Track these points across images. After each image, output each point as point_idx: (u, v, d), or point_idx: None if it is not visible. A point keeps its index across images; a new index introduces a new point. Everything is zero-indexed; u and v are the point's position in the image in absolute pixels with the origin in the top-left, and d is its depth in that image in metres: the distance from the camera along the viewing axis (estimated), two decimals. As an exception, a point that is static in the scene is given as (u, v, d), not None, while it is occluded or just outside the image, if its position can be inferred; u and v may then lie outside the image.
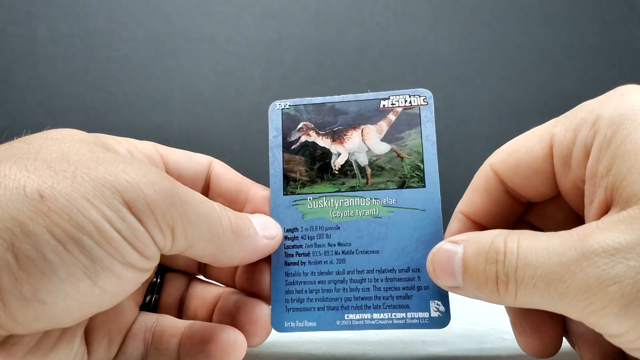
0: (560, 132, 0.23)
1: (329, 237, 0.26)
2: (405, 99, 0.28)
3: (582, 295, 0.18)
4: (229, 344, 0.24)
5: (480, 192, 0.25)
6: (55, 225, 0.17)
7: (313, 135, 0.28)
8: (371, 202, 0.26)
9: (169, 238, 0.20)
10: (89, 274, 0.18)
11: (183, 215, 0.20)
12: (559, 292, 0.19)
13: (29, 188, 0.17)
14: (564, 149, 0.22)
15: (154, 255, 0.20)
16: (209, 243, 0.22)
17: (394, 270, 0.25)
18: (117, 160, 0.20)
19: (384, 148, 0.27)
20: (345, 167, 0.27)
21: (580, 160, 0.22)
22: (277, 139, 0.28)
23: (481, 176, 0.25)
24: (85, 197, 0.18)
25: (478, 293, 0.22)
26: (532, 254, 0.19)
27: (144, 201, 0.19)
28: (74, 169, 0.19)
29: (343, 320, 0.25)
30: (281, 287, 0.26)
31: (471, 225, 0.25)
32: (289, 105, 0.28)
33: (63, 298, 0.18)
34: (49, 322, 0.18)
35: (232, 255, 0.23)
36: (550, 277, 0.19)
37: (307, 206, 0.27)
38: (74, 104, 0.68)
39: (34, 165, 0.18)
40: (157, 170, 0.20)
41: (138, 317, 0.26)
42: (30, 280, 0.17)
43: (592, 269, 0.18)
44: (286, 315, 0.26)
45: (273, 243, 0.25)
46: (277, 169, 0.27)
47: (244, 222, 0.24)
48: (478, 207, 0.25)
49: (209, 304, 0.27)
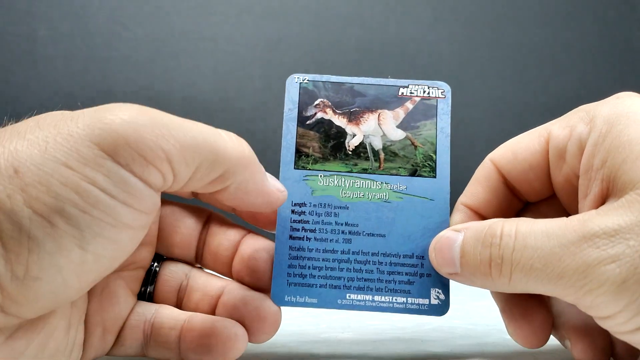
0: (557, 129, 0.24)
1: (337, 215, 0.26)
2: (424, 89, 0.28)
3: (579, 274, 0.19)
4: (231, 338, 0.24)
5: (481, 184, 0.26)
6: (34, 200, 0.17)
7: (329, 113, 0.28)
8: (382, 187, 0.26)
9: (169, 172, 0.19)
10: (79, 243, 0.17)
11: (176, 143, 0.19)
12: (557, 272, 0.19)
13: (2, 164, 0.17)
14: (559, 143, 0.23)
15: (149, 206, 0.19)
16: (215, 165, 0.20)
17: (399, 255, 0.26)
18: (87, 111, 0.19)
19: (399, 134, 0.27)
20: (359, 149, 0.27)
21: (574, 154, 0.23)
22: (293, 112, 0.28)
23: (483, 169, 0.26)
24: (60, 162, 0.17)
25: (473, 278, 0.22)
26: (531, 237, 0.20)
27: (124, 144, 0.18)
28: (46, 133, 0.18)
29: (344, 300, 0.25)
30: (284, 261, 0.26)
31: (473, 215, 0.26)
32: (308, 80, 0.28)
33: (57, 271, 0.17)
34: (52, 298, 0.18)
35: (240, 181, 0.22)
36: (548, 258, 0.19)
37: (317, 182, 0.27)
38: (74, 104, 0.68)
39: (9, 139, 0.18)
40: (130, 106, 0.19)
41: (136, 308, 0.25)
42: (19, 260, 0.16)
43: (591, 249, 0.18)
44: (287, 290, 0.25)
45: (280, 195, 0.24)
46: (290, 141, 0.27)
47: (257, 159, 0.23)
48: (479, 198, 0.26)
49: (211, 298, 0.26)
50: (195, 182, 0.21)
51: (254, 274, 0.26)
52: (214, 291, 0.26)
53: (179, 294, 0.27)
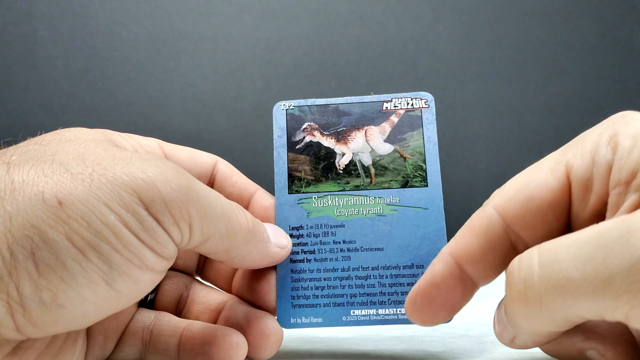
0: (576, 158, 0.21)
1: (334, 234, 0.27)
2: (407, 101, 0.28)
3: (633, 276, 0.15)
4: (232, 346, 0.24)
5: (478, 236, 0.22)
6: (74, 233, 0.18)
7: (317, 136, 0.28)
8: (375, 201, 0.27)
9: (187, 233, 0.20)
10: (106, 279, 0.18)
11: (200, 211, 0.20)
12: (602, 278, 0.15)
13: (47, 194, 0.18)
14: (584, 172, 0.20)
15: (171, 254, 0.20)
16: (225, 238, 0.22)
17: (399, 266, 0.26)
18: (133, 159, 0.20)
19: (387, 148, 0.28)
20: (349, 167, 0.28)
21: (603, 178, 0.20)
22: (282, 139, 0.28)
23: (482, 219, 0.22)
24: (102, 202, 0.18)
25: (521, 322, 0.19)
26: (562, 249, 0.17)
27: (160, 200, 0.19)
28: (91, 170, 0.19)
29: (349, 316, 0.26)
30: (287, 284, 0.26)
31: (456, 269, 0.22)
32: (293, 105, 0.29)
33: (81, 302, 0.18)
34: (67, 325, 0.18)
35: (244, 254, 0.23)
36: (588, 264, 0.16)
37: (312, 205, 0.27)
38: (74, 104, 0.68)
39: (51, 168, 0.19)
40: (173, 166, 0.20)
41: (136, 315, 0.26)
42: (50, 287, 0.17)
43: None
44: (292, 312, 0.26)
45: (283, 253, 0.26)
46: (282, 168, 0.28)
47: (260, 225, 0.24)
48: (473, 252, 0.22)
49: (211, 312, 0.27)
50: (204, 249, 0.22)
51: (254, 292, 0.26)
52: (214, 305, 0.27)
53: (179, 305, 0.27)
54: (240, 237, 0.22)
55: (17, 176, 0.18)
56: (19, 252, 0.17)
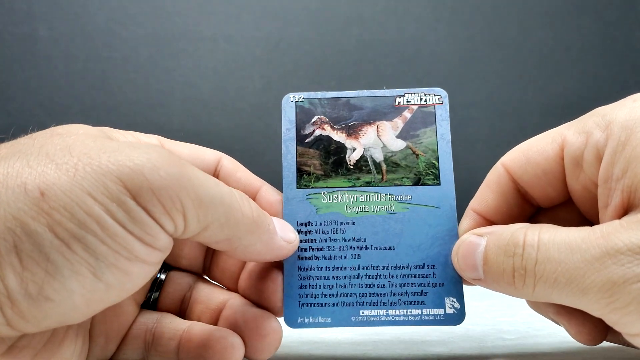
0: (572, 134, 0.23)
1: (344, 232, 0.26)
2: (420, 97, 0.28)
3: (605, 292, 0.18)
4: (227, 349, 0.23)
5: (492, 190, 0.25)
6: (57, 224, 0.17)
7: (328, 129, 0.27)
8: (386, 198, 0.26)
9: (181, 223, 0.19)
10: (93, 271, 0.18)
11: (194, 199, 0.19)
12: (581, 288, 0.19)
13: (29, 185, 0.17)
14: (575, 150, 0.23)
15: (164, 245, 0.20)
16: (224, 227, 0.21)
17: (409, 266, 0.25)
18: (121, 147, 0.19)
19: (399, 144, 0.27)
20: (360, 163, 0.27)
21: (592, 163, 0.22)
22: (291, 132, 0.27)
23: (494, 174, 0.25)
24: (86, 191, 0.17)
25: (497, 286, 0.22)
26: (554, 249, 0.20)
27: (148, 188, 0.18)
28: (77, 160, 0.18)
29: (358, 316, 0.25)
30: (294, 282, 0.25)
31: (483, 222, 0.25)
32: (303, 98, 0.28)
33: (69, 295, 0.17)
34: (59, 318, 0.18)
35: (247, 245, 0.22)
36: (572, 273, 0.19)
37: (321, 200, 0.26)
38: (74, 104, 0.68)
39: (37, 160, 0.18)
40: (164, 153, 0.19)
41: (139, 317, 0.25)
42: (35, 279, 0.17)
43: (616, 266, 0.18)
44: (299, 311, 0.25)
45: (289, 247, 0.25)
46: (291, 161, 0.27)
47: (266, 216, 0.23)
48: (490, 204, 0.25)
49: (213, 311, 0.26)
50: (204, 238, 0.21)
51: (259, 292, 0.26)
52: (215, 304, 0.26)
53: (182, 305, 0.27)
54: (243, 226, 0.21)
55: (2, 169, 0.18)
56: (1, 245, 0.17)
